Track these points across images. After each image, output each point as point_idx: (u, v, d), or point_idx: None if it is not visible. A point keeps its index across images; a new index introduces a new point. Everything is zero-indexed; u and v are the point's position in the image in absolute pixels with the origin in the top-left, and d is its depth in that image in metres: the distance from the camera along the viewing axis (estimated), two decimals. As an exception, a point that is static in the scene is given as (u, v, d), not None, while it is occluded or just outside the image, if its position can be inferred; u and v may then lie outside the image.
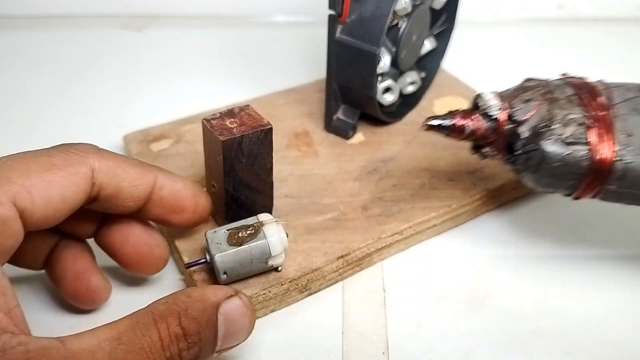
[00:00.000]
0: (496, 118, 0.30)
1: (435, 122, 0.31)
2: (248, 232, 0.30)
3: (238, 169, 0.31)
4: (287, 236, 0.30)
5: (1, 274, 0.22)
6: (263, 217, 0.31)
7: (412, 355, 0.30)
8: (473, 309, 0.33)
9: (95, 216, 0.30)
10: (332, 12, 0.36)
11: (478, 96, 0.31)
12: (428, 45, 0.44)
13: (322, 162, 0.39)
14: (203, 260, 0.30)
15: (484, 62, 0.55)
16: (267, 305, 0.32)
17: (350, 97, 0.40)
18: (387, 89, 0.41)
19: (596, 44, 0.58)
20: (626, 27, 0.60)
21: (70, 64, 0.53)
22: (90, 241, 0.31)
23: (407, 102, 0.44)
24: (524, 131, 0.30)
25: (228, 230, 0.30)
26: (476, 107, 0.32)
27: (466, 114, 0.31)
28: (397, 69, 0.41)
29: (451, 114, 0.31)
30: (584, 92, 0.31)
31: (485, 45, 0.57)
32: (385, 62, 0.39)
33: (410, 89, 0.44)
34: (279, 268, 0.31)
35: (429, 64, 0.45)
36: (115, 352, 0.21)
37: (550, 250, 0.36)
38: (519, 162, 0.30)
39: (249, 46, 0.56)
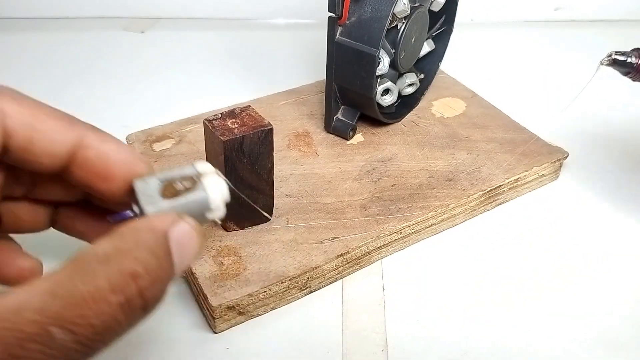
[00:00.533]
0: None
1: (620, 57, 0.31)
2: (185, 184, 0.25)
3: (239, 168, 0.32)
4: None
5: None
6: (201, 166, 0.26)
7: (411, 352, 0.31)
8: (471, 307, 0.33)
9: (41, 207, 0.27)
10: (332, 15, 0.37)
11: None
12: (427, 47, 0.45)
13: (322, 162, 0.40)
14: (130, 214, 0.26)
15: (482, 63, 0.55)
16: (268, 303, 0.32)
17: (350, 98, 0.41)
18: (386, 91, 0.41)
19: (593, 46, 0.58)
20: (622, 29, 0.60)
21: (74, 65, 0.53)
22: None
23: (406, 103, 0.44)
24: None
25: (161, 181, 0.25)
26: None
27: None
28: (396, 71, 0.42)
29: (637, 52, 0.31)
30: None
31: (483, 46, 0.58)
32: (384, 63, 0.39)
33: (409, 90, 0.44)
34: (218, 221, 0.26)
35: (427, 66, 0.46)
36: (47, 307, 0.18)
37: (549, 250, 0.37)
38: None
39: (250, 48, 0.56)
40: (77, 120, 0.25)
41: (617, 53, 0.31)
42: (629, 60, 0.31)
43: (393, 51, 0.40)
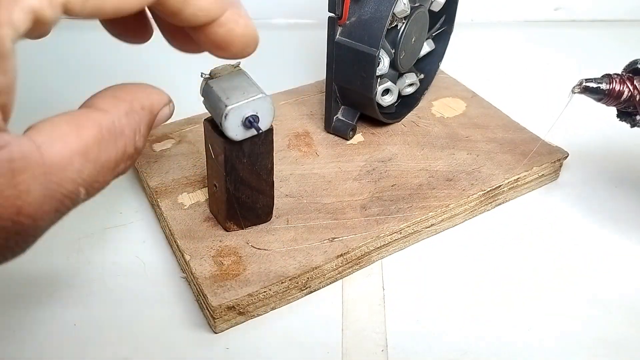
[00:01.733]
0: None
1: (592, 85, 0.30)
2: None
3: (239, 169, 0.32)
4: None
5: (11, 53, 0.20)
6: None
7: (411, 352, 0.31)
8: (471, 307, 0.33)
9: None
10: (332, 15, 0.37)
11: (638, 61, 0.30)
12: (427, 47, 0.45)
13: (322, 162, 0.40)
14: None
15: (482, 63, 0.55)
16: (268, 303, 0.32)
17: (350, 98, 0.41)
18: (386, 91, 0.41)
19: (593, 46, 0.58)
20: (622, 29, 0.60)
21: (74, 65, 0.53)
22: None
23: (406, 103, 0.44)
24: None
25: None
26: (636, 71, 0.30)
27: (624, 78, 0.30)
28: (396, 71, 0.42)
29: (608, 77, 0.30)
30: None
31: (483, 46, 0.58)
32: (384, 63, 0.39)
33: (409, 90, 0.44)
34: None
35: (427, 66, 0.46)
36: (82, 169, 0.21)
37: (549, 250, 0.37)
38: None
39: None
40: None
41: (587, 80, 0.31)
42: (601, 86, 0.31)
43: (393, 51, 0.40)
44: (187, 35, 0.28)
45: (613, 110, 0.34)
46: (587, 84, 0.31)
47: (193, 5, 0.24)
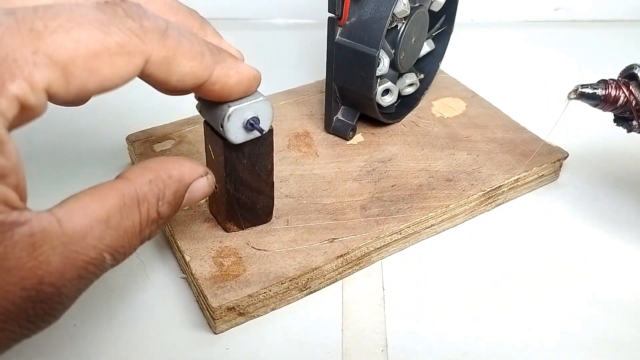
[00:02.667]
0: None
1: (587, 90, 0.30)
2: None
3: (239, 169, 0.32)
4: None
5: (10, 143, 0.20)
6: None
7: (411, 352, 0.31)
8: (471, 307, 0.33)
9: None
10: (332, 15, 0.37)
11: (634, 66, 0.30)
12: (427, 47, 0.45)
13: (322, 162, 0.40)
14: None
15: (482, 63, 0.55)
16: (268, 304, 0.32)
17: (350, 98, 0.41)
18: (386, 91, 0.41)
19: (593, 46, 0.58)
20: (622, 29, 0.60)
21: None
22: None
23: (406, 104, 0.44)
24: None
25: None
26: (632, 77, 0.30)
27: (620, 84, 0.30)
28: (396, 71, 0.42)
29: (604, 83, 0.30)
30: None
31: (483, 46, 0.58)
32: (384, 64, 0.39)
33: (409, 90, 0.44)
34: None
35: (427, 66, 0.46)
36: (104, 236, 0.21)
37: (549, 250, 0.37)
38: None
39: (250, 48, 0.56)
40: (211, 55, 0.25)
41: (583, 86, 0.31)
42: (597, 92, 0.31)
43: (393, 51, 0.40)
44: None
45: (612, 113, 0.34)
46: (583, 90, 0.31)
47: (178, 74, 0.24)
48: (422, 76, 0.45)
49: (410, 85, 0.44)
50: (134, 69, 0.23)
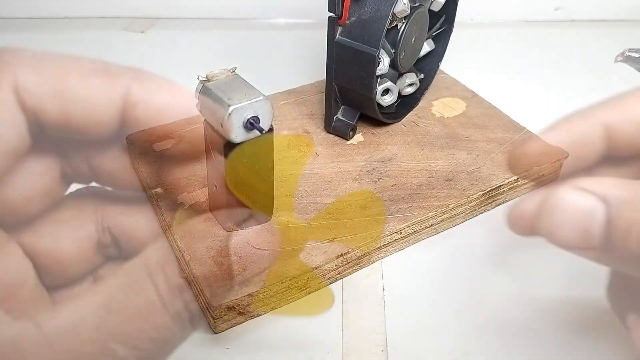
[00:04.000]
0: None
1: (634, 54, 0.31)
2: None
3: (239, 169, 0.32)
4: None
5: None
6: None
7: (411, 352, 0.31)
8: (471, 307, 0.33)
9: None
10: (332, 15, 0.37)
11: None
12: (427, 47, 0.45)
13: (322, 162, 0.40)
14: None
15: (482, 63, 0.55)
16: (268, 303, 0.32)
17: (350, 98, 0.41)
18: (386, 91, 0.41)
19: (593, 46, 0.58)
20: (622, 29, 0.60)
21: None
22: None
23: (406, 103, 0.44)
24: None
25: None
26: None
27: None
28: (396, 71, 0.42)
29: None
30: None
31: (483, 46, 0.58)
32: (384, 63, 0.39)
33: (409, 90, 0.44)
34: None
35: (427, 66, 0.46)
36: (105, 324, 0.17)
37: (547, 250, 0.37)
38: None
39: (250, 48, 0.56)
40: (117, 73, 0.21)
41: (630, 50, 0.32)
42: None
43: (393, 51, 0.40)
44: None
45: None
46: (630, 54, 0.32)
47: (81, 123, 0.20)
48: (422, 76, 0.45)
49: (410, 85, 0.44)
50: None
